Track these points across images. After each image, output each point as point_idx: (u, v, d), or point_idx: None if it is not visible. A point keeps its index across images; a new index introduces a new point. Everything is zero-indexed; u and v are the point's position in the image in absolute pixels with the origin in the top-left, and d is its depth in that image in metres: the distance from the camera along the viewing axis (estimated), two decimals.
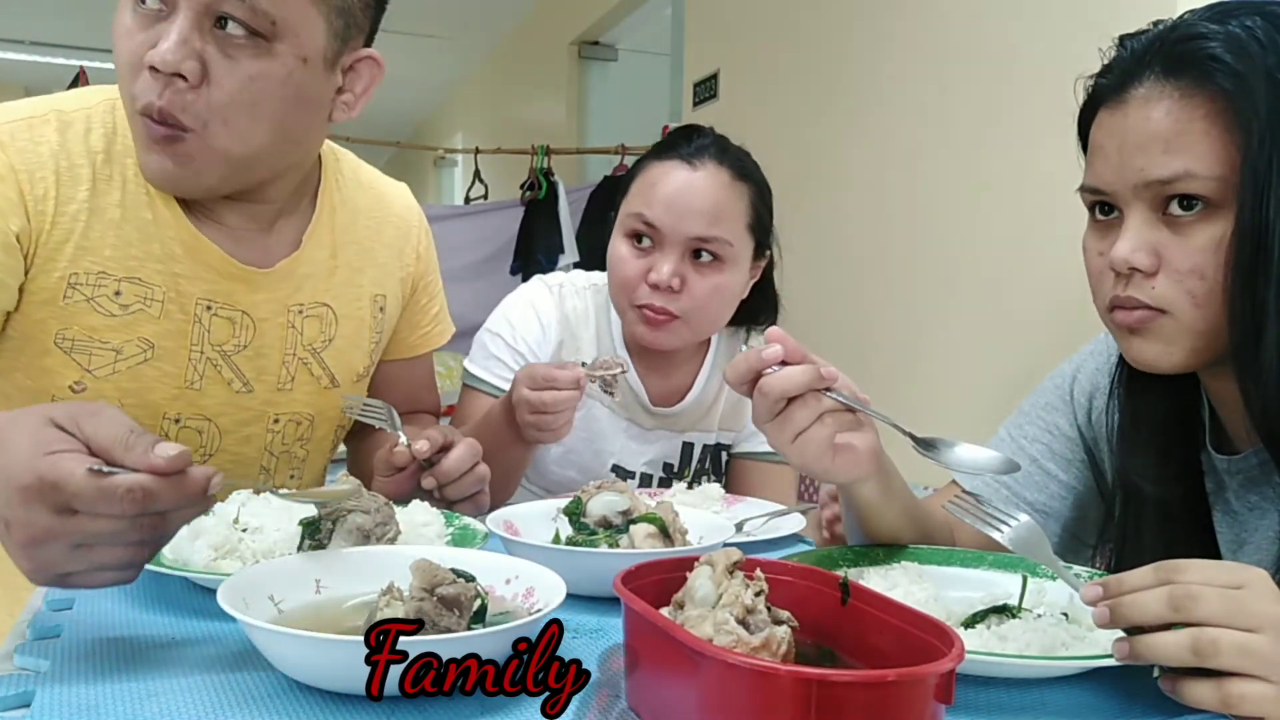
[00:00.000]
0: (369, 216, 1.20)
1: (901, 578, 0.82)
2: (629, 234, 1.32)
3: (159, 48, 0.90)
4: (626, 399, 1.42)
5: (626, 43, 5.21)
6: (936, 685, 0.50)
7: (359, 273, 1.17)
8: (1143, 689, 0.69)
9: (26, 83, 7.11)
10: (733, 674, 0.50)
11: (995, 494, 1.05)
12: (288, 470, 1.17)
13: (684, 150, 1.31)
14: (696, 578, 0.62)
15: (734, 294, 1.35)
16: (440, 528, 0.94)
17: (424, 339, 1.32)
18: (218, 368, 1.06)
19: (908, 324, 2.51)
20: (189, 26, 0.90)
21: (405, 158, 9.62)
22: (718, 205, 1.29)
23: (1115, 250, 0.83)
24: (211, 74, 0.92)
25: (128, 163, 1.01)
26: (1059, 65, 2.04)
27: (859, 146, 2.74)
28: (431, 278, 1.31)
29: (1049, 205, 2.11)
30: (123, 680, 0.61)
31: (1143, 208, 0.83)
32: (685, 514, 0.95)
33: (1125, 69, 0.85)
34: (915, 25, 2.52)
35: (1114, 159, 0.84)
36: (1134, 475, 0.94)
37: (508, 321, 1.40)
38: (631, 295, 1.31)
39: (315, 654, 0.58)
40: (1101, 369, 1.04)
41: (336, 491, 0.84)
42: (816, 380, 0.81)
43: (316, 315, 1.13)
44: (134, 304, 1.01)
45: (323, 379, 1.15)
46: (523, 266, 4.65)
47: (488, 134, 6.34)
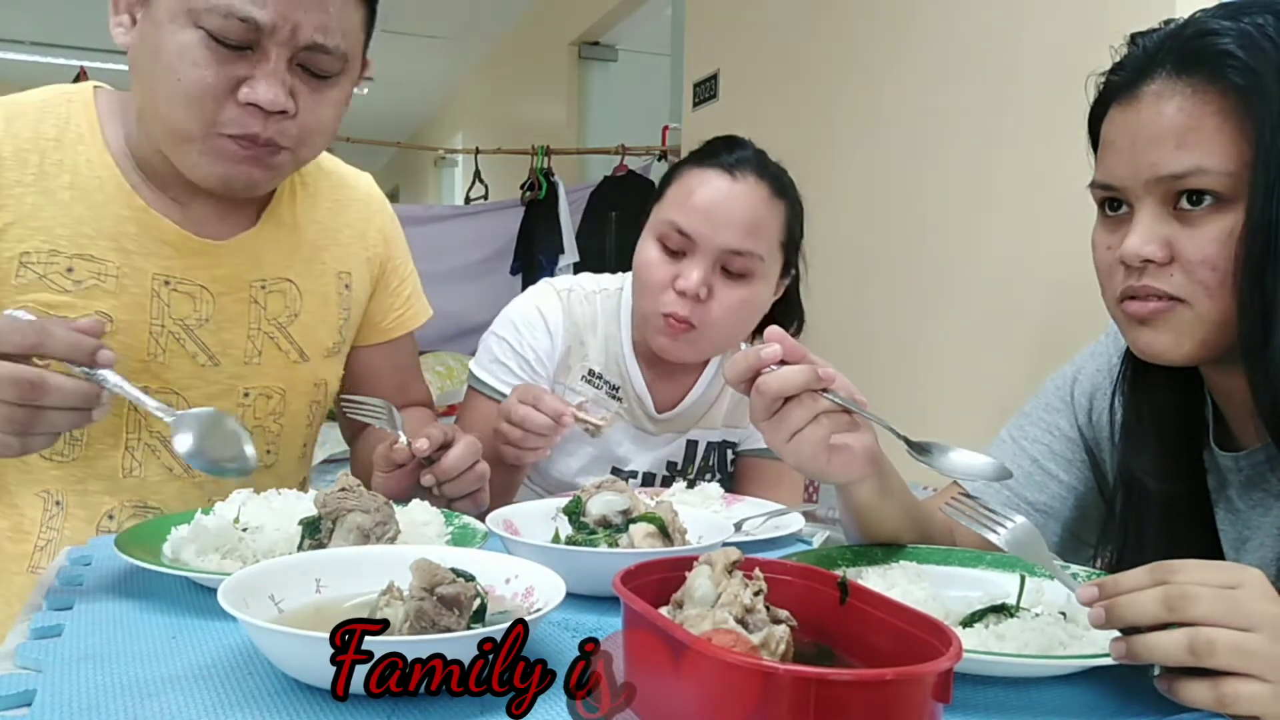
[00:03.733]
0: (330, 199, 1.24)
1: (900, 577, 0.82)
2: (660, 238, 1.30)
3: (260, 92, 0.97)
4: (632, 407, 1.41)
5: (626, 43, 5.21)
6: (934, 684, 0.50)
7: (322, 250, 1.21)
8: (1140, 688, 0.69)
9: (27, 83, 7.09)
10: (731, 673, 0.50)
11: (996, 495, 1.05)
12: (264, 445, 1.18)
13: (725, 160, 1.29)
14: (695, 577, 0.62)
15: (757, 310, 1.34)
16: (440, 527, 0.94)
17: (399, 321, 1.33)
18: (180, 341, 1.10)
19: (906, 325, 2.52)
20: (283, 69, 0.98)
21: (406, 158, 9.62)
22: (755, 219, 1.27)
23: (1126, 244, 0.84)
24: (300, 105, 1.01)
25: (79, 149, 1.06)
26: (1058, 67, 2.04)
27: (858, 147, 2.74)
28: (399, 260, 1.33)
29: (1049, 207, 2.11)
30: (123, 680, 0.61)
31: (1153, 202, 0.83)
32: (685, 513, 0.95)
33: (1137, 66, 0.85)
34: (915, 26, 2.52)
35: (1126, 155, 0.84)
36: (1137, 471, 0.95)
37: (514, 327, 1.39)
38: (656, 301, 1.29)
39: (315, 653, 0.58)
40: (1102, 370, 1.05)
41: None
42: (814, 380, 0.81)
43: (280, 290, 1.16)
44: (88, 280, 1.05)
45: (291, 353, 1.18)
46: (523, 267, 4.65)
47: (488, 134, 6.34)
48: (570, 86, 5.25)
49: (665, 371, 1.42)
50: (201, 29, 0.95)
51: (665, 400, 1.43)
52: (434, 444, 1.04)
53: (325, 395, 1.25)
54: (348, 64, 1.04)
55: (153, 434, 1.10)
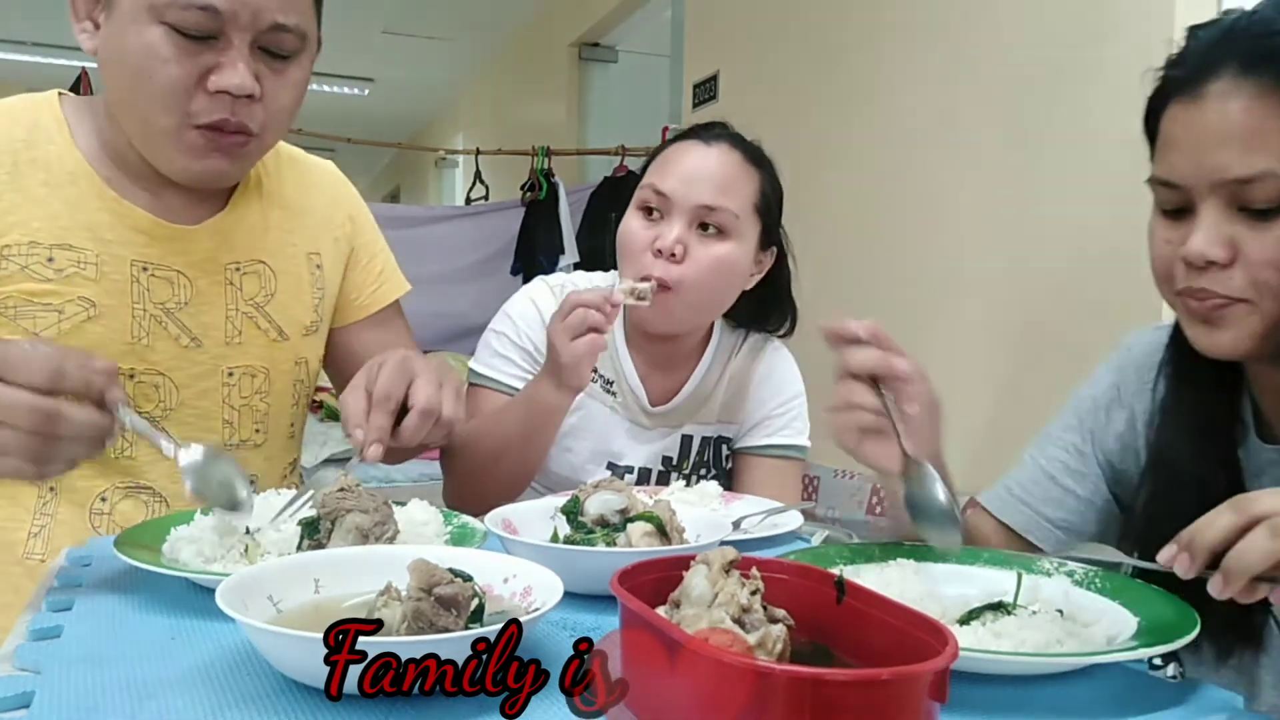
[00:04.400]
0: (294, 184, 1.27)
1: (896, 575, 0.82)
2: (640, 207, 1.36)
3: (227, 77, 1.00)
4: (626, 400, 1.43)
5: (626, 44, 5.21)
6: (931, 683, 0.50)
7: (291, 233, 1.24)
8: (1138, 686, 0.69)
9: (27, 83, 7.09)
10: (728, 673, 0.51)
11: (1017, 516, 1.07)
12: (251, 424, 1.20)
13: (701, 134, 1.37)
14: (693, 577, 0.62)
15: (736, 272, 1.36)
16: (439, 526, 0.94)
17: (375, 297, 1.35)
18: (163, 324, 1.12)
19: (903, 323, 2.52)
20: (247, 53, 1.01)
21: (407, 159, 9.62)
22: (727, 177, 1.33)
23: (1191, 245, 0.83)
24: (265, 88, 1.04)
25: (49, 148, 1.10)
26: (1058, 65, 2.04)
27: (857, 147, 2.74)
28: (368, 238, 1.35)
29: (1048, 207, 2.11)
30: (122, 680, 0.61)
31: (1218, 203, 0.83)
32: (683, 512, 0.95)
33: (1199, 61, 0.84)
34: (914, 26, 2.52)
35: (1189, 154, 0.84)
36: (1172, 457, 0.95)
37: (511, 319, 1.42)
38: (637, 264, 1.33)
39: (313, 654, 0.58)
40: (1116, 383, 1.06)
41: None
42: (882, 367, 0.85)
43: (254, 272, 1.19)
44: (68, 268, 1.07)
45: (270, 331, 1.21)
46: (523, 267, 4.65)
47: (488, 135, 6.34)
48: (570, 87, 5.26)
49: (659, 364, 1.43)
50: (164, 24, 0.98)
51: (659, 394, 1.45)
52: (382, 433, 1.00)
53: (308, 374, 1.27)
54: (305, 42, 1.07)
55: (141, 414, 1.11)
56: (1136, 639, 0.71)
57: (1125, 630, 0.74)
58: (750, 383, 1.47)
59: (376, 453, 0.98)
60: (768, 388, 1.47)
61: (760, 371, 1.48)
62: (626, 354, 1.43)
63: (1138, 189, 0.91)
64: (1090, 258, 1.97)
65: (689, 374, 1.45)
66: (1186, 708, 0.65)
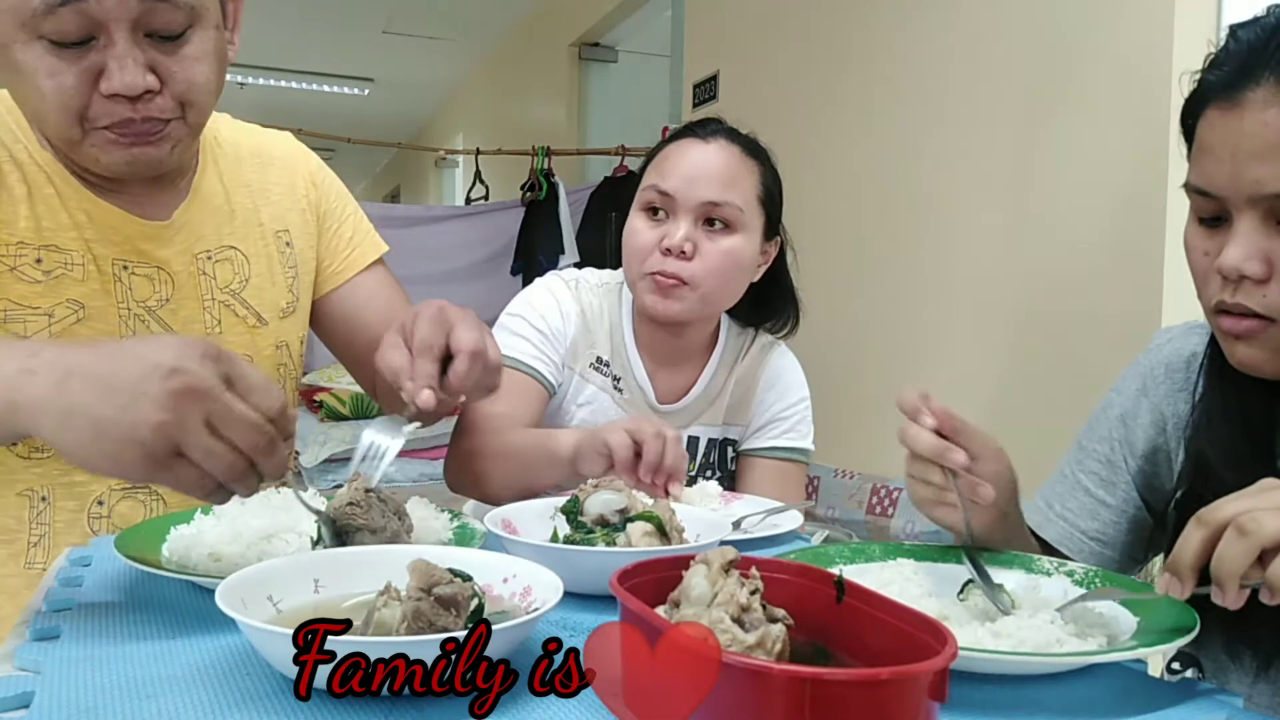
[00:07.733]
0: (253, 160, 1.26)
1: (896, 575, 0.82)
2: (644, 208, 1.37)
3: (116, 80, 0.96)
4: (634, 397, 1.43)
5: (626, 44, 5.21)
6: (930, 683, 0.50)
7: (256, 212, 1.23)
8: (1137, 686, 0.69)
9: None
10: (727, 673, 0.51)
11: (1053, 528, 1.07)
12: None
13: (698, 130, 1.38)
14: (692, 576, 0.62)
15: (745, 263, 1.37)
16: (438, 526, 0.94)
17: (349, 262, 1.32)
18: (146, 324, 1.12)
19: (903, 319, 2.52)
20: (133, 48, 0.96)
21: (407, 159, 9.62)
22: (729, 172, 1.34)
23: (1226, 257, 0.82)
24: (165, 73, 0.99)
25: (16, 148, 1.08)
26: (1058, 65, 2.04)
27: (858, 147, 2.74)
28: (336, 203, 1.33)
29: (1048, 206, 2.11)
30: (122, 680, 0.61)
31: (1255, 216, 0.81)
32: (683, 511, 0.96)
33: (1238, 65, 0.81)
34: (914, 27, 2.52)
35: (1226, 164, 0.81)
36: (1212, 458, 0.93)
37: (529, 304, 1.43)
38: (643, 263, 1.34)
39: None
40: (1143, 386, 1.05)
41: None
42: (939, 455, 0.84)
43: (226, 259, 1.19)
44: (56, 269, 1.07)
45: (249, 318, 1.20)
46: (523, 267, 4.66)
47: (488, 135, 6.34)
48: (570, 87, 5.25)
49: (666, 361, 1.44)
50: (42, 38, 0.95)
51: (666, 392, 1.45)
52: (428, 380, 0.95)
53: (290, 357, 1.26)
54: (196, 12, 1.00)
55: None
56: (1136, 639, 0.71)
57: (1125, 630, 0.74)
58: (757, 385, 1.48)
59: (428, 398, 0.93)
60: (774, 391, 1.48)
61: (767, 375, 1.48)
62: (635, 351, 1.43)
63: (1137, 189, 0.91)
64: (1089, 257, 1.97)
65: (695, 374, 1.46)
66: (1186, 708, 0.65)
